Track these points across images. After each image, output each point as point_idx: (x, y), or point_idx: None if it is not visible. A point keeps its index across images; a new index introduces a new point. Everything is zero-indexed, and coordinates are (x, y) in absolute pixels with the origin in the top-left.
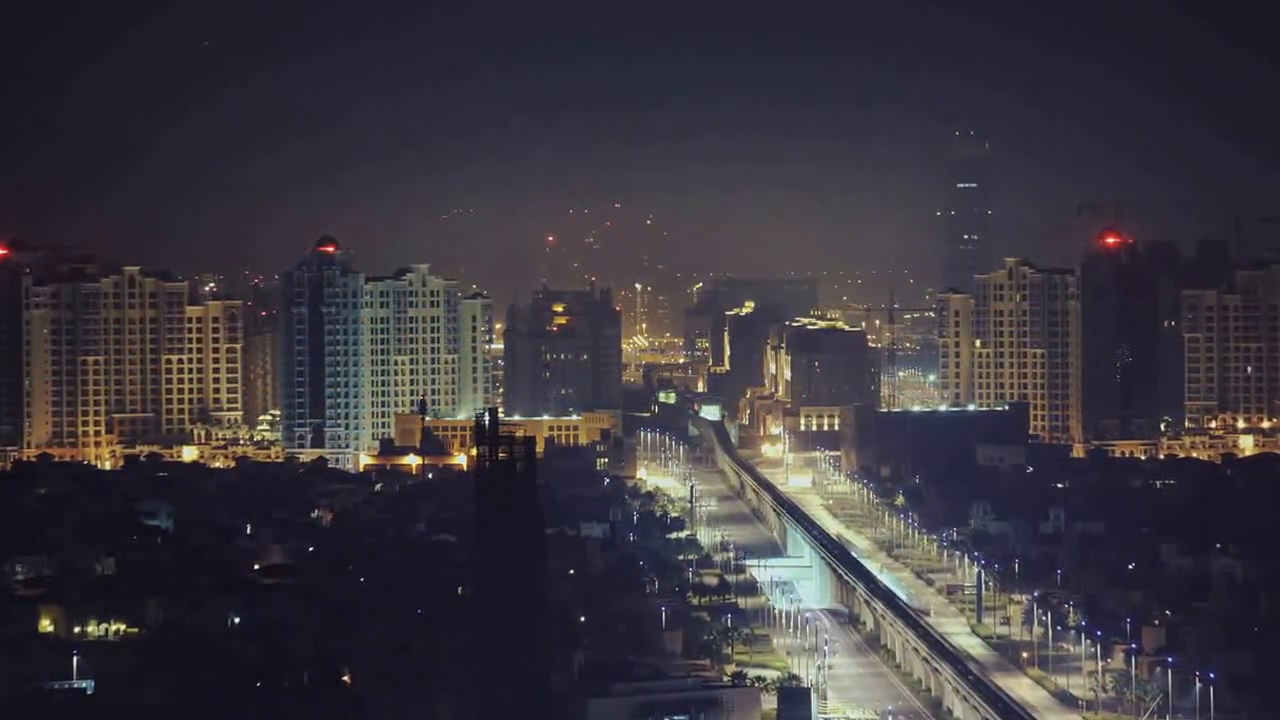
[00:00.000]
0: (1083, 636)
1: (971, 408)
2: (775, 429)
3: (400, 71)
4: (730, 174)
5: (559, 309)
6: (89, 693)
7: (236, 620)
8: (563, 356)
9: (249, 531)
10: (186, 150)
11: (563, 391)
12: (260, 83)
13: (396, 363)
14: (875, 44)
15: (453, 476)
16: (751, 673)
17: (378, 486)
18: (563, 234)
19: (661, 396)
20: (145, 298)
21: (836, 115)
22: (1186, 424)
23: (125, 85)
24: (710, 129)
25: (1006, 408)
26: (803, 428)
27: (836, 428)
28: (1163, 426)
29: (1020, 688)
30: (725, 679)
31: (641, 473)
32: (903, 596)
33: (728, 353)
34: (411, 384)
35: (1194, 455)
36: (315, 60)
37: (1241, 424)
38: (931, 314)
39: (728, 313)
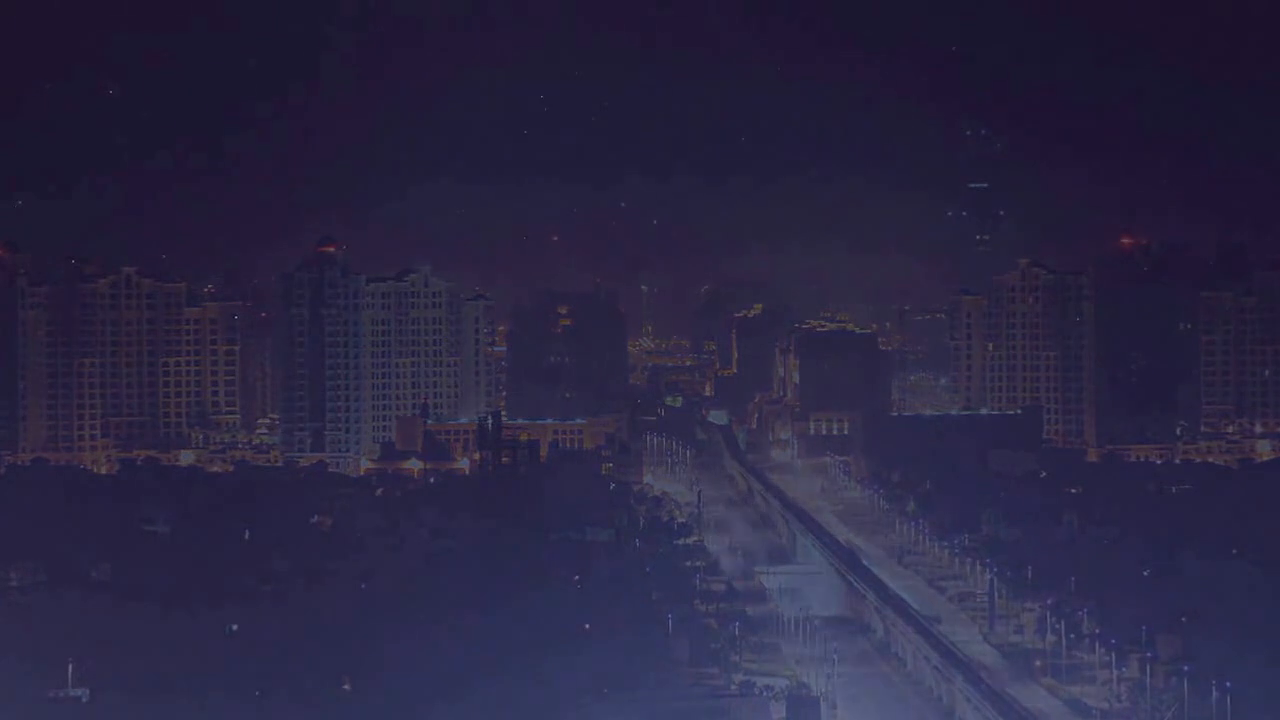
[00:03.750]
0: (1097, 645)
1: (984, 411)
2: (784, 434)
3: (402, 72)
4: (735, 174)
5: (563, 310)
6: (84, 701)
7: (235, 627)
8: (567, 359)
9: (247, 537)
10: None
11: (567, 395)
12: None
13: (398, 365)
14: (879, 44)
15: (455, 481)
16: (760, 681)
17: (378, 491)
18: (567, 235)
19: (668, 400)
20: (142, 299)
21: (841, 115)
22: (1203, 428)
23: (124, 84)
24: (713, 129)
25: (1019, 412)
26: (812, 432)
27: (846, 432)
28: (1178, 431)
29: (1033, 697)
30: (733, 687)
31: (648, 478)
32: (913, 604)
33: (735, 355)
34: (413, 387)
35: (1210, 460)
36: (316, 61)
37: (1259, 428)
38: (943, 316)
39: (736, 314)
